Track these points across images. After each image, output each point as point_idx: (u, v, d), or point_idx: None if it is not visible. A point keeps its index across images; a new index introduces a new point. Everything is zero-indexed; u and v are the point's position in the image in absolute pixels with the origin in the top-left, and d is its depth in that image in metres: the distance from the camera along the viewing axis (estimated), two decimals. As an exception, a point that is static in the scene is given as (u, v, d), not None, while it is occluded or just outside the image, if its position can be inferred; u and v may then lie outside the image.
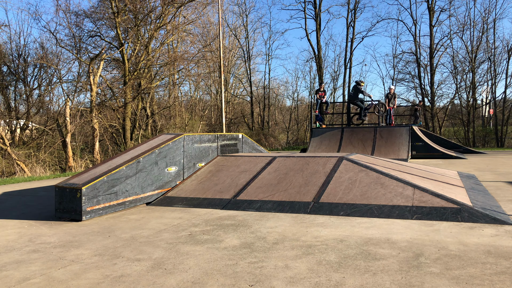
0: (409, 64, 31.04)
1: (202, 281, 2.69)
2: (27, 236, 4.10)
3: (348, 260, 3.03)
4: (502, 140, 26.08)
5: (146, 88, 21.10)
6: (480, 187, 6.39)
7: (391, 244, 3.44)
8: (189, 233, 4.00)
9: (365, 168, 5.77)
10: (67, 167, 16.97)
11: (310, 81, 37.32)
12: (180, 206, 5.49)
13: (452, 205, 4.46)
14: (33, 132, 21.52)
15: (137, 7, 19.74)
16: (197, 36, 25.63)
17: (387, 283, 2.56)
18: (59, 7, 20.99)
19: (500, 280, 2.56)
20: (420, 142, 14.07)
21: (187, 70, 24.81)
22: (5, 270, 3.04)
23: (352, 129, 15.03)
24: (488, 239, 3.50)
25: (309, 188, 5.43)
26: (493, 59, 27.21)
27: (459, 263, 2.91)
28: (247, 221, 4.49)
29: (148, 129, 23.56)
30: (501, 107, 27.73)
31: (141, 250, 3.44)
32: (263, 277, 2.73)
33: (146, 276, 2.82)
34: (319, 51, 30.75)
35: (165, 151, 6.02)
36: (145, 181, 5.63)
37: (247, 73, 33.05)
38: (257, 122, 32.73)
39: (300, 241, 3.60)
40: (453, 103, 30.97)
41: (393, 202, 4.73)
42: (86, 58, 21.15)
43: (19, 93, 23.30)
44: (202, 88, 32.61)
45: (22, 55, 23.25)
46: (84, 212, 4.70)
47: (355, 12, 31.18)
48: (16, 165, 15.50)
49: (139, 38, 20.97)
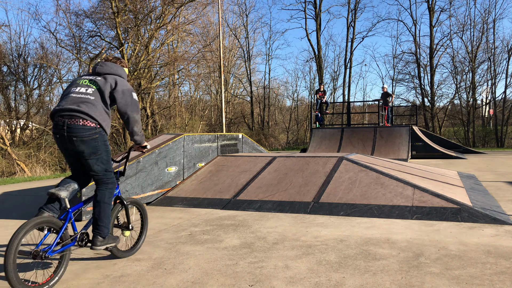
0: (409, 64, 31.06)
1: (202, 281, 2.69)
2: (27, 236, 4.10)
3: (348, 260, 3.03)
4: (502, 140, 26.09)
5: (146, 88, 21.10)
6: (480, 187, 6.39)
7: (391, 244, 3.44)
8: (189, 233, 4.00)
9: (365, 168, 5.77)
10: (67, 167, 16.98)
11: (310, 81, 37.31)
12: (180, 206, 5.49)
13: (452, 205, 4.46)
14: (33, 132, 21.52)
15: (137, 7, 19.74)
16: (197, 36, 25.63)
17: (387, 283, 2.57)
18: (59, 7, 21.01)
19: (500, 280, 2.56)
20: (420, 142, 14.07)
21: (187, 70, 24.81)
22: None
23: (352, 129, 15.04)
24: (488, 239, 3.50)
25: (309, 188, 5.43)
26: (493, 59, 27.22)
27: (459, 263, 2.91)
28: (247, 221, 4.50)
29: (148, 129, 23.56)
30: (501, 107, 27.74)
31: (141, 250, 3.45)
32: (263, 277, 2.73)
33: (146, 276, 2.82)
34: (319, 51, 30.76)
35: (165, 151, 6.02)
36: (145, 181, 5.63)
37: (247, 73, 33.06)
38: (257, 122, 32.74)
39: (300, 241, 3.60)
40: (453, 103, 30.98)
41: (393, 202, 4.73)
42: (86, 58, 21.15)
43: (19, 93, 23.32)
44: (202, 88, 32.62)
45: (22, 55, 23.26)
46: (84, 212, 4.70)
47: (355, 12, 31.19)
48: (16, 165, 15.51)
49: (139, 38, 20.98)
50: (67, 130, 2.69)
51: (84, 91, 2.84)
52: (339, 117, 29.67)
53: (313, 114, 16.96)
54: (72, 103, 2.76)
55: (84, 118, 2.72)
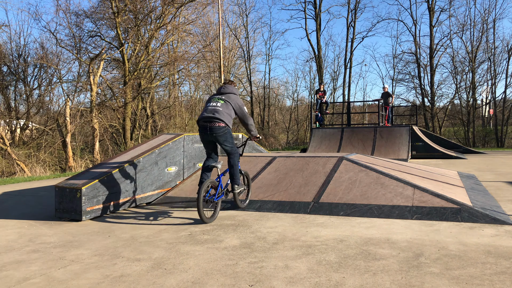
0: (409, 64, 31.09)
1: (202, 281, 2.69)
2: (27, 236, 4.10)
3: (348, 260, 3.03)
4: (502, 140, 26.09)
5: (146, 88, 21.10)
6: (480, 187, 6.39)
7: (391, 244, 3.44)
8: (189, 233, 4.00)
9: (365, 168, 5.77)
10: (67, 167, 16.97)
11: (310, 81, 37.34)
12: (180, 206, 5.49)
13: (452, 205, 4.46)
14: (33, 132, 21.52)
15: (137, 7, 19.74)
16: (197, 36, 25.64)
17: (387, 283, 2.57)
18: (59, 7, 21.02)
19: (500, 280, 2.56)
20: (420, 142, 14.07)
21: (187, 70, 24.81)
22: (5, 270, 3.04)
23: (352, 129, 15.03)
24: (488, 239, 3.50)
25: (309, 188, 5.43)
26: (493, 59, 27.24)
27: (459, 263, 2.91)
28: (247, 221, 4.50)
29: (148, 129, 23.57)
30: (501, 107, 27.74)
31: (141, 250, 3.45)
32: (263, 277, 2.73)
33: (146, 276, 2.82)
34: (319, 51, 30.76)
35: (165, 151, 6.02)
36: (145, 181, 5.63)
37: (247, 73, 33.08)
38: (257, 122, 32.74)
39: (300, 241, 3.60)
40: (453, 103, 31.00)
41: (393, 202, 4.73)
42: (86, 58, 21.15)
43: (19, 93, 23.33)
44: (202, 88, 32.62)
45: (22, 55, 23.27)
46: (84, 212, 4.70)
47: (355, 12, 31.20)
48: (16, 165, 15.51)
49: (139, 38, 20.97)
50: (209, 130, 4.47)
51: (215, 105, 4.58)
52: (339, 117, 29.67)
53: (313, 114, 16.95)
54: (210, 112, 4.51)
55: (218, 121, 4.46)
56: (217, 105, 4.55)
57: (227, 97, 4.65)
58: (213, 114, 4.48)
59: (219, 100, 4.61)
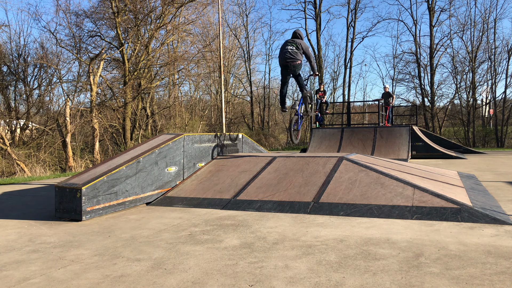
0: (409, 64, 31.05)
1: (202, 281, 2.69)
2: (27, 236, 4.10)
3: (348, 260, 3.03)
4: (502, 140, 26.08)
5: (146, 88, 21.10)
6: (480, 187, 6.39)
7: (391, 244, 3.44)
8: (189, 233, 4.00)
9: (365, 168, 5.77)
10: (67, 167, 16.98)
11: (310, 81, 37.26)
12: (180, 206, 5.49)
13: (452, 205, 4.46)
14: (33, 132, 21.53)
15: (137, 7, 19.74)
16: (197, 36, 25.65)
17: (387, 283, 2.57)
18: (59, 7, 21.02)
19: (500, 280, 2.56)
20: (420, 142, 14.06)
21: (187, 70, 24.81)
22: (5, 270, 3.04)
23: (352, 129, 15.03)
24: (488, 239, 3.50)
25: (309, 188, 5.43)
26: (493, 59, 27.22)
27: (459, 263, 2.91)
28: (247, 221, 4.50)
29: (148, 129, 23.57)
30: (501, 107, 27.73)
31: (141, 250, 3.45)
32: (263, 277, 2.73)
33: (146, 276, 2.82)
34: (319, 51, 30.76)
35: (165, 151, 6.02)
36: (145, 181, 5.63)
37: (247, 73, 33.06)
38: (257, 122, 32.74)
39: (300, 241, 3.60)
40: (453, 103, 30.98)
41: (393, 202, 4.73)
42: (86, 58, 21.15)
43: (19, 93, 23.32)
44: (202, 88, 32.63)
45: (22, 55, 23.26)
46: (84, 212, 4.70)
47: (355, 12, 31.19)
48: (16, 165, 15.51)
49: (139, 38, 20.97)
50: (290, 66, 6.52)
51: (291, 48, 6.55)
52: (339, 117, 29.66)
53: (313, 114, 16.92)
54: (289, 54, 6.50)
55: (296, 59, 6.51)
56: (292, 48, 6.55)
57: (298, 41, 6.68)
58: (290, 54, 6.51)
59: (293, 44, 6.59)
